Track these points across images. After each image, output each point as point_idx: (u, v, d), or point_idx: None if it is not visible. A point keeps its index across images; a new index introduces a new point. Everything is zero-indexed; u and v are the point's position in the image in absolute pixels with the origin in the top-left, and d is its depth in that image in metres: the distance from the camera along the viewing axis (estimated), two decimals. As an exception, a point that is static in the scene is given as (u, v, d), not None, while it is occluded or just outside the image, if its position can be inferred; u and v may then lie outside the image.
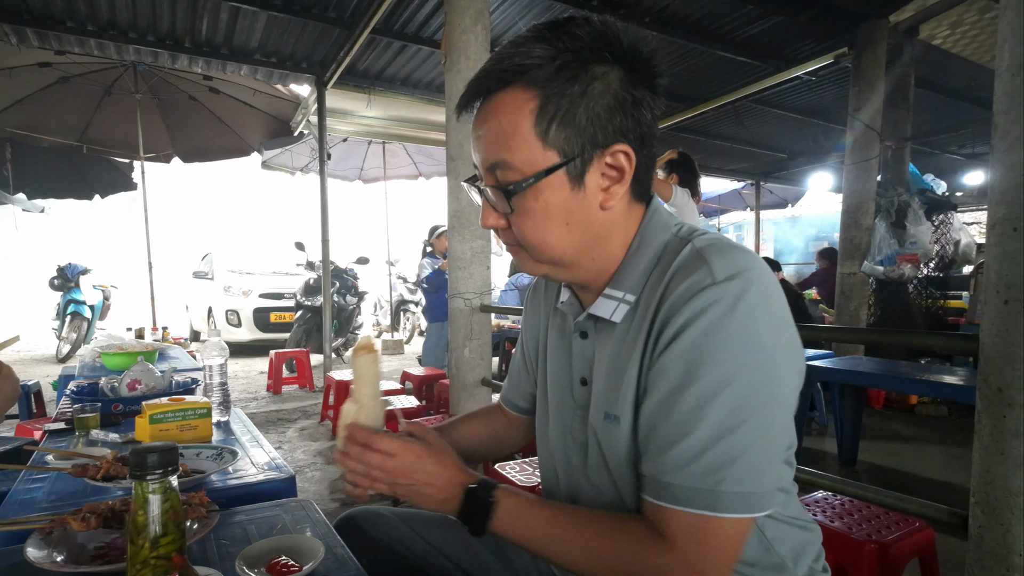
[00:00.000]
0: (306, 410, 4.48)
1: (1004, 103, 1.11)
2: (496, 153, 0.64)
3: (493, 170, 0.66)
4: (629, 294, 0.68)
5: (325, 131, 4.94)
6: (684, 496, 0.59)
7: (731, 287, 0.59)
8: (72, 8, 3.72)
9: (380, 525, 0.91)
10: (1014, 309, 1.08)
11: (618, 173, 0.65)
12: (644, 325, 0.65)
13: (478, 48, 2.76)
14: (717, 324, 0.58)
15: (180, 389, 1.67)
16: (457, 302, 2.89)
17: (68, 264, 7.13)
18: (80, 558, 0.75)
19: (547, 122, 0.62)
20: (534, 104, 0.62)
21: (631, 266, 0.69)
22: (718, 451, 0.58)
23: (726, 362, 0.58)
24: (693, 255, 0.64)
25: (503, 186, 0.65)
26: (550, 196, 0.64)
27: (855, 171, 4.22)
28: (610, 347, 0.69)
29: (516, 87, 0.63)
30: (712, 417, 0.58)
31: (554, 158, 0.63)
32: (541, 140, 0.62)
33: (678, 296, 0.61)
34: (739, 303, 0.58)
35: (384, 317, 9.50)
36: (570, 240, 0.67)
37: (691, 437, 0.58)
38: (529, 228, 0.66)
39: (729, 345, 0.58)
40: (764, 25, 4.12)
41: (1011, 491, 1.10)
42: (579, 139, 0.63)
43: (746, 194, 10.46)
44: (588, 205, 0.65)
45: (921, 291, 4.53)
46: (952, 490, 2.70)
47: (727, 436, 0.58)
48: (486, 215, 0.70)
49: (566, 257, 0.68)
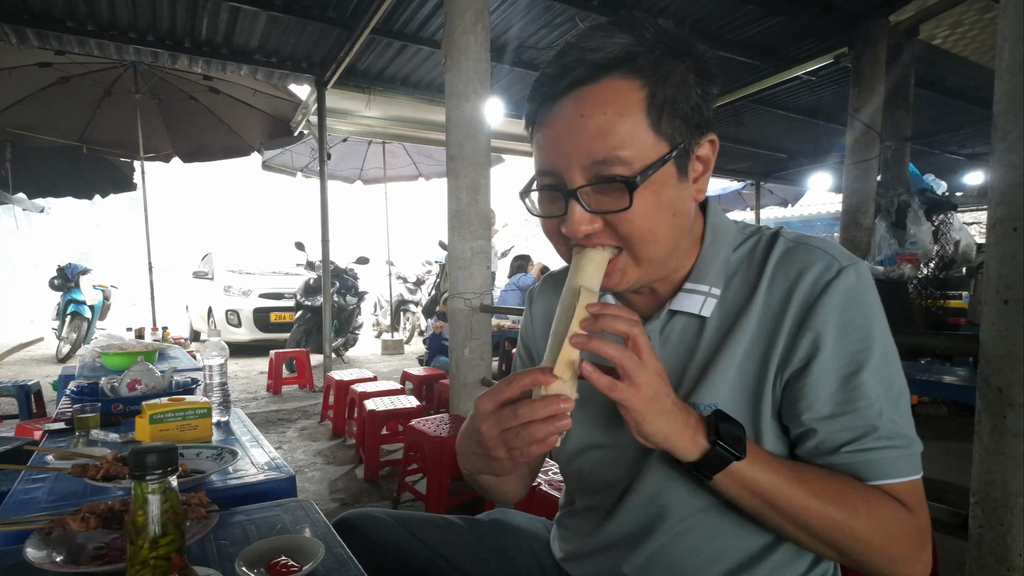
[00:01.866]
0: (306, 410, 4.48)
1: (1004, 103, 1.11)
2: (606, 148, 0.59)
3: (598, 167, 0.60)
4: (714, 287, 0.69)
5: (325, 131, 4.94)
6: (902, 466, 0.62)
7: (860, 269, 0.63)
8: (72, 8, 3.72)
9: (376, 528, 0.90)
10: (1014, 309, 1.08)
11: (704, 165, 0.67)
12: (753, 317, 0.66)
13: (478, 48, 2.75)
14: (865, 303, 0.63)
15: (180, 389, 1.67)
16: (457, 302, 2.89)
17: (68, 264, 7.13)
18: (79, 558, 0.75)
19: (658, 111, 0.60)
20: (643, 93, 0.59)
21: (710, 260, 0.70)
22: (904, 416, 0.63)
23: (883, 334, 0.63)
24: (798, 247, 0.67)
25: (625, 180, 0.60)
26: (662, 187, 0.62)
27: (855, 171, 4.22)
28: (699, 342, 0.69)
29: (616, 76, 0.59)
30: (892, 387, 0.62)
31: (664, 148, 0.61)
32: (653, 130, 0.60)
33: (811, 284, 0.63)
34: (869, 280, 0.64)
35: (384, 317, 9.50)
36: (675, 232, 0.66)
37: (886, 411, 0.61)
38: (640, 223, 0.62)
39: (879, 319, 0.63)
40: (764, 25, 4.12)
41: (1011, 491, 1.10)
42: (685, 128, 0.62)
43: (746, 194, 10.46)
44: (688, 195, 0.66)
45: (921, 291, 4.53)
46: (952, 490, 2.70)
47: (901, 399, 0.63)
48: (578, 222, 0.62)
49: (666, 251, 0.66)
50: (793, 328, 0.64)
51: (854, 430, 0.62)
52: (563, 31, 4.18)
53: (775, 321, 0.65)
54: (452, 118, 2.77)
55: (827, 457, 0.63)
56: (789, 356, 0.64)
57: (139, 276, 6.30)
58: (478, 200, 2.83)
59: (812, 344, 0.62)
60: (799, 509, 0.60)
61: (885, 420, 0.61)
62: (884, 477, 0.62)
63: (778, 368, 0.65)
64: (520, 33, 4.23)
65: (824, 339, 0.62)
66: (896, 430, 0.62)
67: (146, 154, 5.55)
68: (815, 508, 0.60)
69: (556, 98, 0.61)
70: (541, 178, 0.66)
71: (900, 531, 0.61)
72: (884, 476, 0.62)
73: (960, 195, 7.97)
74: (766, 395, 0.65)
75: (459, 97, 2.74)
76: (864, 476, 0.62)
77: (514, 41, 4.34)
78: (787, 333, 0.64)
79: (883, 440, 0.61)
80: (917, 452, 0.63)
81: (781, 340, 0.64)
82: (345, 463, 3.24)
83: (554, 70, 0.61)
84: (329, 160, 5.12)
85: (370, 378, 3.80)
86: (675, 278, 0.72)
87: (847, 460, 0.62)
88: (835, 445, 0.62)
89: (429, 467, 2.40)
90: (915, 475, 0.62)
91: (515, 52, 4.50)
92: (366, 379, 3.77)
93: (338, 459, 3.31)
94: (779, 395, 0.65)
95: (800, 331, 0.63)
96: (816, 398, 0.63)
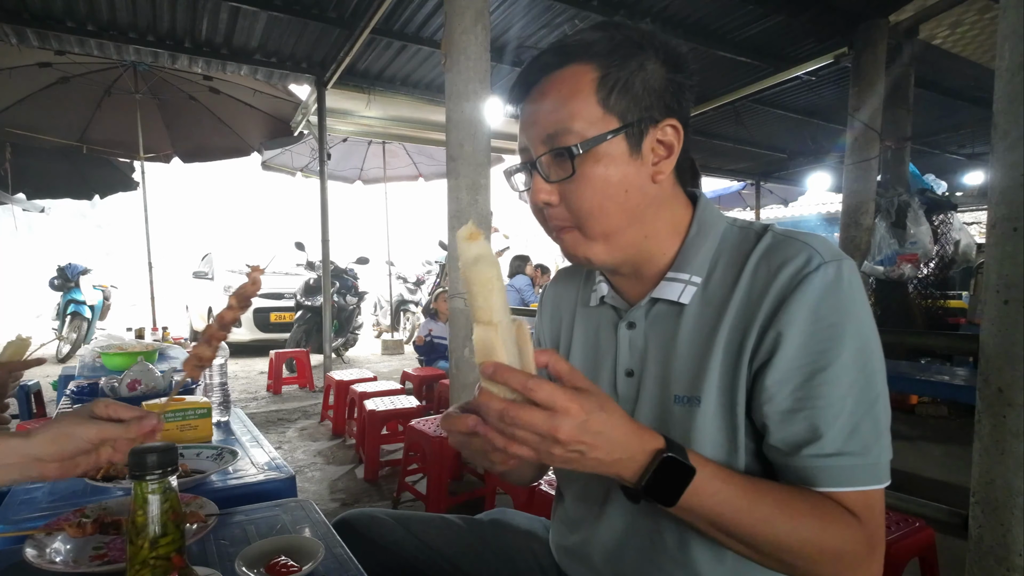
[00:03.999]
0: (306, 410, 4.48)
1: (1004, 103, 1.11)
2: (557, 121, 0.66)
3: (552, 139, 0.67)
4: (695, 276, 0.70)
5: (325, 131, 4.94)
6: (853, 475, 0.60)
7: (842, 266, 0.62)
8: (72, 8, 3.72)
9: (376, 528, 0.90)
10: (1014, 309, 1.08)
11: (667, 150, 0.69)
12: (733, 308, 0.66)
13: (478, 48, 2.75)
14: (841, 300, 0.61)
15: (180, 389, 1.67)
16: (457, 302, 2.89)
17: (68, 264, 7.13)
18: (79, 558, 0.75)
19: (607, 90, 0.65)
20: (595, 75, 0.66)
21: (693, 249, 0.71)
22: (870, 423, 0.60)
23: (856, 336, 0.61)
24: (785, 240, 0.66)
25: (567, 148, 0.65)
26: (611, 161, 0.66)
27: (855, 171, 4.22)
28: (678, 331, 0.70)
29: (576, 63, 0.66)
30: (858, 392, 0.60)
31: (614, 124, 0.66)
32: (602, 107, 0.65)
33: (788, 278, 0.62)
34: (852, 279, 0.62)
35: (384, 317, 9.50)
36: (627, 208, 0.68)
37: (844, 416, 0.60)
38: (588, 194, 0.66)
39: (855, 319, 0.61)
40: (764, 25, 4.12)
41: (1011, 491, 1.10)
42: (636, 108, 0.66)
43: (746, 194, 10.46)
44: (644, 174, 0.68)
45: (921, 291, 4.53)
46: (952, 490, 2.70)
47: (872, 407, 0.61)
48: (537, 191, 0.69)
49: (621, 227, 0.69)
50: (765, 320, 0.63)
51: (810, 431, 0.60)
52: (563, 31, 4.18)
53: (751, 313, 0.64)
54: (452, 118, 2.77)
55: (785, 458, 0.62)
56: (758, 348, 0.63)
57: (139, 276, 6.29)
58: (478, 200, 2.83)
59: (779, 336, 0.62)
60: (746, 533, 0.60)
61: (843, 424, 0.60)
62: (835, 485, 0.60)
63: (749, 360, 0.64)
64: (520, 33, 4.23)
65: (791, 332, 0.61)
66: (858, 437, 0.60)
67: (146, 154, 5.55)
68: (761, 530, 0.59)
69: (530, 85, 0.70)
70: (520, 156, 0.73)
71: (850, 543, 0.60)
72: (835, 484, 0.60)
73: (960, 195, 7.96)
74: (740, 388, 0.64)
75: (459, 97, 2.74)
76: (814, 483, 0.61)
77: (514, 41, 4.34)
78: (759, 325, 0.63)
79: (838, 445, 0.60)
80: (877, 462, 0.61)
81: (754, 332, 0.64)
82: (345, 463, 3.24)
83: (531, 63, 0.70)
84: (329, 160, 5.12)
85: (370, 378, 3.80)
86: (660, 265, 0.73)
87: (802, 464, 0.61)
88: (791, 444, 0.62)
89: (429, 467, 2.40)
90: (871, 485, 0.61)
91: (515, 52, 4.50)
92: (366, 379, 3.77)
93: (338, 459, 3.32)
94: (749, 388, 0.65)
95: (770, 323, 0.62)
96: (776, 391, 0.62)
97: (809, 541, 0.59)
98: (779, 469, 0.64)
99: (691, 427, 0.66)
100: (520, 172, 0.74)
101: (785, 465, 0.63)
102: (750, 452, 0.65)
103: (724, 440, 0.65)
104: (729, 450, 0.65)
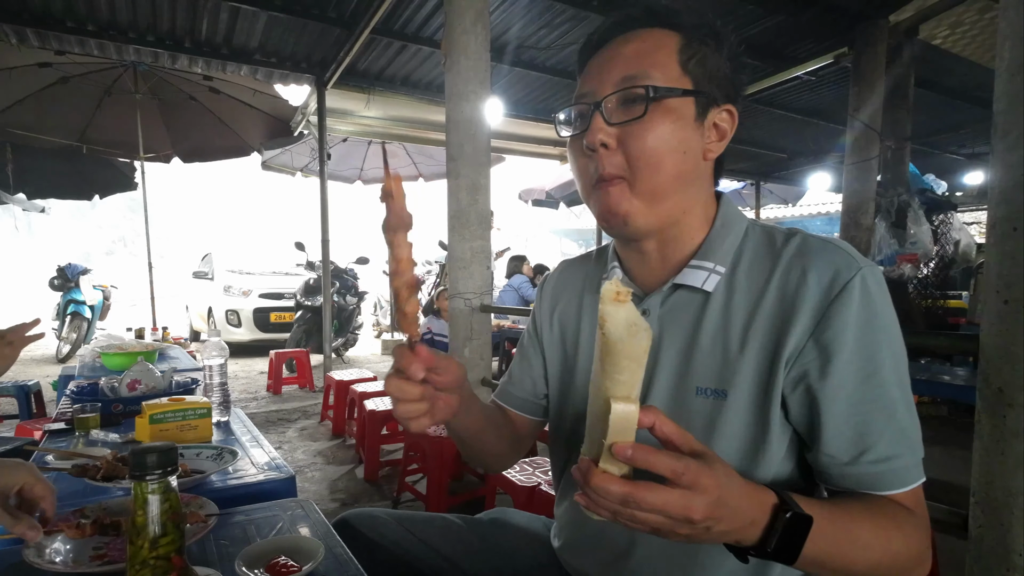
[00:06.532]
0: (306, 410, 4.48)
1: (1004, 103, 1.11)
2: (638, 66, 0.68)
3: (629, 80, 0.68)
4: (720, 266, 0.71)
5: (325, 131, 4.94)
6: (908, 475, 0.62)
7: (875, 271, 0.64)
8: (72, 8, 3.72)
9: (376, 527, 0.90)
10: (1014, 309, 1.08)
11: (719, 134, 0.71)
12: (767, 305, 0.66)
13: (478, 48, 2.75)
14: (881, 305, 0.63)
15: (180, 389, 1.67)
16: (457, 302, 2.89)
17: (68, 264, 7.13)
18: (79, 559, 0.75)
19: (688, 56, 0.68)
20: (679, 41, 0.69)
21: (719, 240, 0.72)
22: (912, 420, 0.63)
23: (894, 338, 0.63)
24: (819, 244, 0.67)
25: (645, 87, 0.66)
26: (679, 117, 0.67)
27: (855, 171, 4.22)
28: (703, 321, 0.70)
29: (661, 28, 0.70)
30: (901, 392, 0.62)
31: (688, 86, 0.68)
32: (682, 68, 0.68)
33: (829, 283, 0.63)
34: (883, 282, 0.65)
35: (384, 317, 9.50)
36: (680, 171, 0.68)
37: (896, 418, 0.62)
38: (651, 139, 0.66)
39: (892, 321, 0.64)
40: (764, 25, 4.11)
41: (1011, 491, 1.10)
42: (708, 82, 0.69)
43: (746, 194, 10.45)
44: (700, 145, 0.70)
45: (921, 291, 4.53)
46: (952, 490, 2.70)
47: (911, 404, 0.63)
48: (596, 130, 0.68)
49: (668, 190, 0.68)
50: (808, 325, 0.63)
51: (867, 436, 0.61)
52: (563, 31, 4.18)
53: (787, 313, 0.64)
54: (452, 118, 2.77)
55: (843, 467, 0.63)
56: (802, 354, 0.63)
57: (139, 276, 6.29)
58: (478, 200, 2.83)
59: (828, 345, 0.62)
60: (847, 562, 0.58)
61: (896, 426, 0.61)
62: (897, 487, 0.62)
63: (786, 362, 0.64)
64: (520, 33, 4.23)
65: (840, 340, 0.61)
66: (907, 437, 0.62)
67: (146, 154, 5.55)
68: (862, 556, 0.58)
69: (612, 36, 0.71)
70: (577, 101, 0.73)
71: (919, 542, 0.61)
72: (897, 486, 0.62)
73: (960, 195, 7.95)
74: (776, 387, 0.64)
75: (459, 97, 2.74)
76: (877, 487, 0.62)
77: (514, 41, 4.34)
78: (800, 329, 0.63)
79: (894, 448, 0.61)
80: (921, 457, 0.63)
81: (793, 334, 0.63)
82: (345, 463, 3.24)
83: (618, 16, 0.72)
84: (329, 160, 5.12)
85: (370, 378, 3.80)
86: (686, 250, 0.73)
87: (863, 471, 0.62)
88: (850, 452, 0.62)
89: (429, 467, 2.40)
90: (921, 480, 0.63)
91: (515, 52, 4.50)
92: (366, 379, 3.77)
93: (338, 459, 3.31)
94: (787, 392, 0.65)
95: (815, 330, 0.63)
96: (831, 402, 0.62)
97: (900, 553, 0.60)
98: (833, 477, 0.64)
99: (716, 420, 0.66)
100: (574, 115, 0.73)
101: (843, 474, 0.63)
102: (777, 452, 0.66)
103: (751, 436, 0.66)
104: (754, 447, 0.65)
